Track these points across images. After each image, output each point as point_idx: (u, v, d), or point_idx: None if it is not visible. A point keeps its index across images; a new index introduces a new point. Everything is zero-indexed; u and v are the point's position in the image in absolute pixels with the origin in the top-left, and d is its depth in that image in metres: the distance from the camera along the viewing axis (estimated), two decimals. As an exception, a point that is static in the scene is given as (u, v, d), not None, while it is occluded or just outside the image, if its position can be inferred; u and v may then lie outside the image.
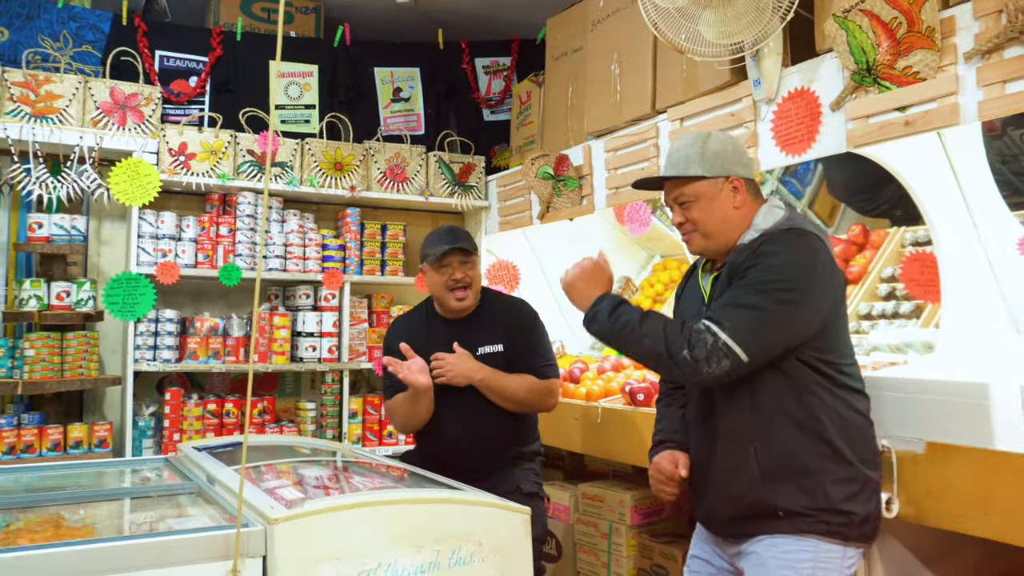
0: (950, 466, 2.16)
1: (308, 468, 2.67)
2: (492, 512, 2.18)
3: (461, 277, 2.86)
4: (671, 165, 2.17)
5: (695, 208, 2.13)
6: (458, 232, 2.95)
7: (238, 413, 3.95)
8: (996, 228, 2.81)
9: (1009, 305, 2.83)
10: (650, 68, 3.32)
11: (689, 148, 2.15)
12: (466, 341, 2.90)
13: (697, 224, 2.14)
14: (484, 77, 4.91)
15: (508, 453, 2.94)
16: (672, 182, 2.16)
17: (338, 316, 4.21)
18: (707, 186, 2.12)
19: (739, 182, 2.13)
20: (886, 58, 2.35)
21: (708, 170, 2.11)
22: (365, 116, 4.55)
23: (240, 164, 4.06)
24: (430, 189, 4.47)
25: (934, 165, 2.70)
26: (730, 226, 2.13)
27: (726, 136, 2.23)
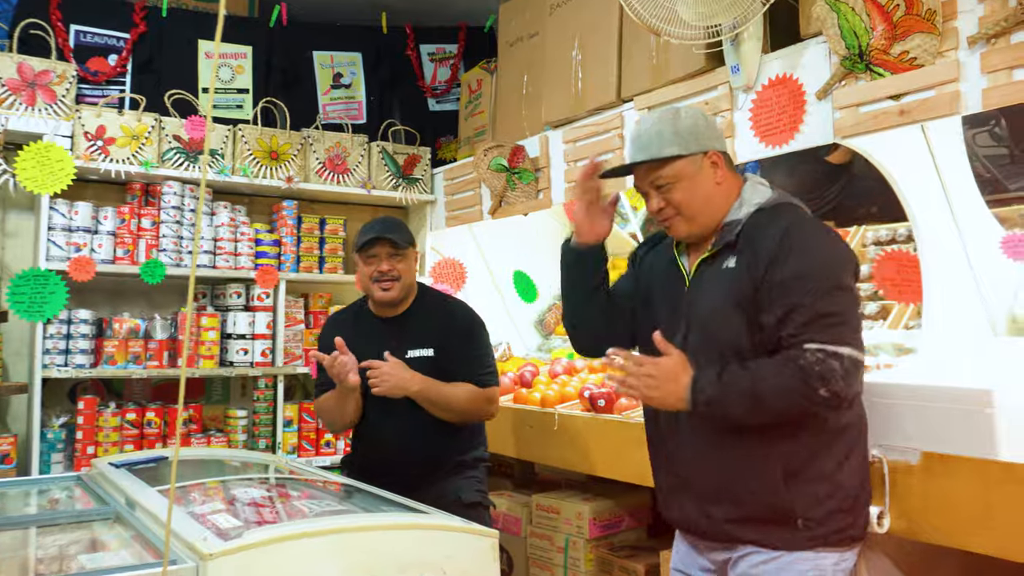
0: (949, 478, 2.03)
1: (243, 487, 2.38)
2: (456, 537, 1.95)
3: (388, 270, 2.71)
4: (642, 148, 1.97)
5: (676, 190, 1.95)
6: (391, 223, 2.79)
7: (161, 423, 3.60)
8: (976, 226, 2.70)
9: (988, 307, 2.73)
10: (615, 54, 3.12)
11: (660, 126, 1.97)
12: (396, 342, 2.72)
13: (680, 207, 1.96)
14: (430, 65, 4.65)
15: (447, 461, 2.77)
16: (646, 166, 1.97)
17: (272, 317, 3.90)
18: (685, 165, 1.95)
19: (718, 156, 1.98)
20: (880, 43, 2.19)
21: (684, 147, 1.94)
22: (302, 102, 4.24)
23: (165, 151, 3.71)
24: (373, 182, 4.19)
25: (918, 159, 2.58)
26: (714, 204, 1.97)
27: (695, 110, 2.06)
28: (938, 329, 2.59)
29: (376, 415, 2.72)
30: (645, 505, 3.46)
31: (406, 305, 2.81)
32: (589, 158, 3.27)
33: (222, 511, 1.99)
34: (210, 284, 4.01)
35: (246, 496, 2.25)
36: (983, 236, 2.71)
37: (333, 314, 3.11)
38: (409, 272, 2.76)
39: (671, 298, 2.05)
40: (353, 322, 2.88)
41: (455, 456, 2.76)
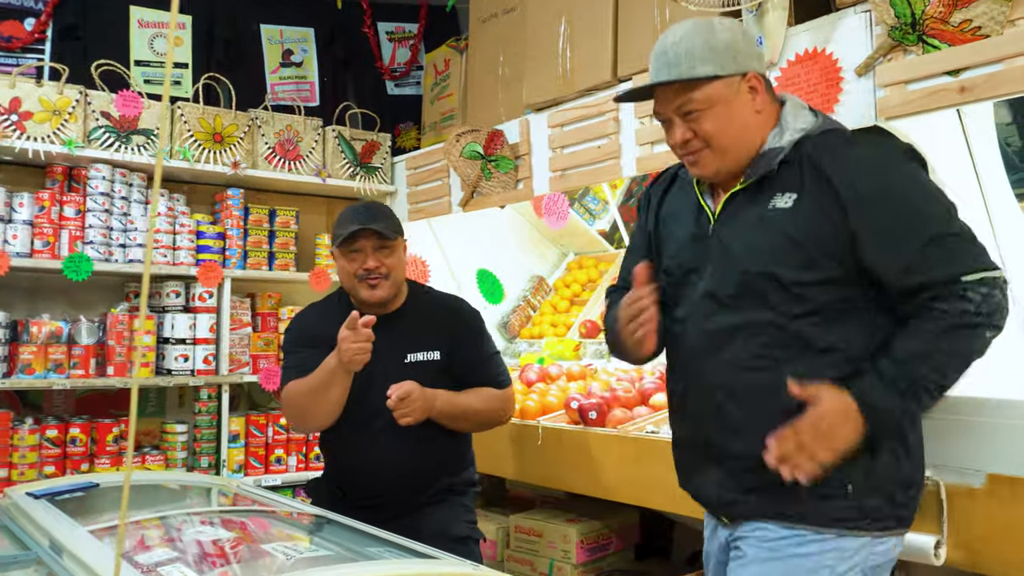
0: (1020, 503, 1.81)
1: (196, 524, 1.98)
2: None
3: (375, 266, 2.33)
4: (669, 64, 1.65)
5: (707, 118, 1.65)
6: (375, 209, 2.41)
7: (87, 441, 3.15)
8: (1009, 222, 2.50)
9: (1019, 307, 2.53)
10: (610, 28, 2.82)
11: (692, 40, 1.64)
12: (392, 344, 2.34)
13: (711, 138, 1.66)
14: (388, 45, 4.30)
15: (434, 485, 2.42)
16: (673, 87, 1.66)
17: (216, 319, 3.47)
18: (722, 88, 1.64)
19: (757, 80, 1.68)
20: (938, 10, 1.94)
21: (721, 67, 1.63)
22: (249, 80, 3.84)
23: (92, 129, 3.26)
24: (328, 170, 3.80)
25: (955, 146, 2.36)
26: (750, 136, 1.68)
27: (733, 22, 1.74)
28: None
29: (355, 429, 2.34)
30: (633, 525, 3.19)
31: (399, 302, 2.45)
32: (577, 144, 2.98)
33: (176, 559, 1.61)
34: (140, 281, 3.56)
35: (202, 536, 1.86)
36: (1013, 231, 2.51)
37: (308, 306, 2.67)
38: (399, 266, 2.40)
39: (693, 243, 1.77)
40: (340, 318, 2.37)
41: (444, 479, 2.42)
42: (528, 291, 4.59)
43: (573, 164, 2.99)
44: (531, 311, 4.57)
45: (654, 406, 2.90)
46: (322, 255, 3.84)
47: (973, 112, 2.33)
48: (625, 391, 3.01)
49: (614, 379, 3.25)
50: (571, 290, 4.48)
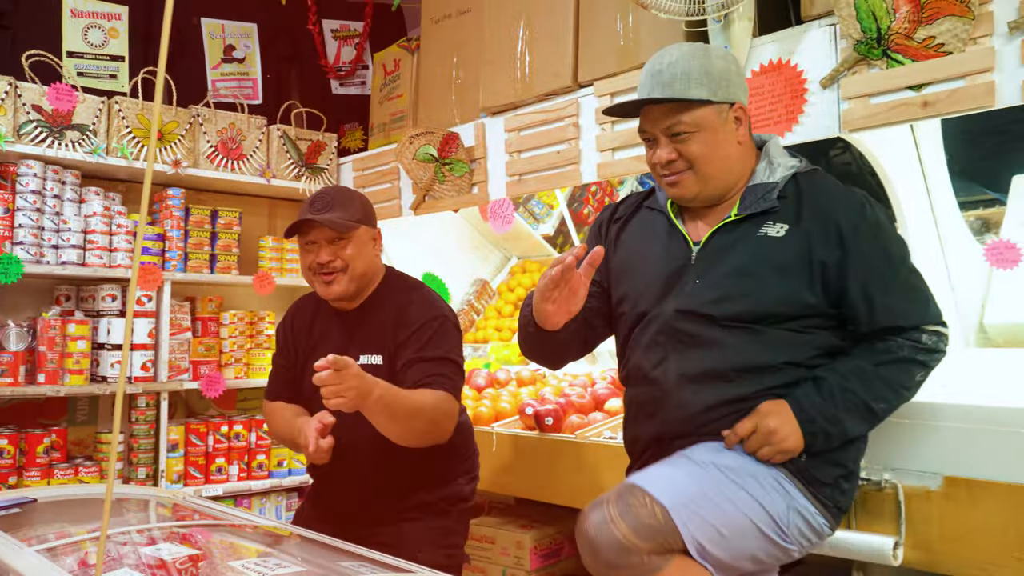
0: (974, 505, 1.88)
1: (150, 543, 1.87)
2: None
3: (329, 260, 2.13)
4: (663, 84, 1.67)
5: (694, 141, 1.68)
6: (330, 196, 2.18)
7: (16, 452, 2.97)
8: (953, 233, 2.59)
9: (962, 315, 2.62)
10: (571, 33, 2.82)
11: (687, 63, 1.67)
12: (350, 344, 2.19)
13: (695, 161, 1.69)
14: (333, 43, 4.19)
15: (409, 500, 2.21)
16: (662, 107, 1.69)
17: (155, 323, 3.32)
18: (711, 113, 1.68)
19: (743, 111, 1.73)
20: (903, 26, 1.99)
21: (713, 93, 1.67)
22: (189, 76, 3.69)
23: (23, 123, 3.08)
24: (272, 170, 3.69)
25: (909, 159, 2.43)
26: (731, 167, 1.73)
27: (726, 51, 1.79)
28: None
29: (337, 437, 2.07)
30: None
31: (365, 295, 2.24)
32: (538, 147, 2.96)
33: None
34: (76, 284, 3.39)
35: (161, 555, 1.75)
36: (957, 242, 2.60)
37: (299, 299, 2.44)
38: (360, 257, 2.16)
39: (666, 268, 1.77)
40: (315, 313, 2.30)
41: (419, 494, 2.21)
42: (472, 295, 4.55)
43: (531, 169, 2.98)
44: (475, 315, 4.53)
45: (609, 411, 2.90)
46: (266, 258, 3.72)
47: (924, 128, 2.41)
48: (579, 396, 3.01)
49: (566, 385, 3.24)
50: (515, 294, 4.46)
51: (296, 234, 2.18)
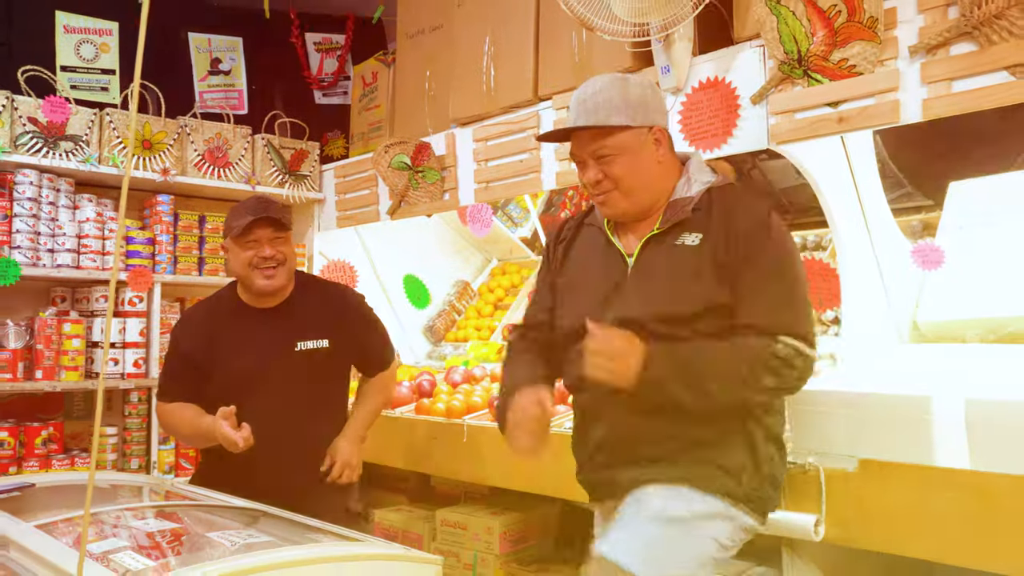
0: (885, 484, 2.06)
1: (138, 518, 2.08)
2: (402, 568, 1.77)
3: (272, 254, 2.45)
4: (587, 112, 1.85)
5: (617, 163, 1.84)
6: (268, 202, 2.53)
7: (16, 444, 3.17)
8: (885, 235, 2.78)
9: (895, 314, 2.82)
10: (531, 50, 3.02)
11: (608, 92, 1.84)
12: (283, 334, 2.50)
13: (619, 181, 1.85)
14: (316, 55, 4.39)
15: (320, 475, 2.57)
16: (588, 132, 1.85)
17: (146, 323, 3.52)
18: (631, 137, 1.84)
19: (662, 133, 1.89)
20: (820, 49, 2.20)
21: (632, 119, 1.83)
22: (177, 88, 3.87)
23: (19, 135, 3.27)
24: (257, 177, 3.89)
25: (838, 168, 2.62)
26: (654, 182, 1.88)
27: (645, 79, 1.98)
28: (854, 337, 2.64)
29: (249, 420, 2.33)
30: (553, 517, 3.37)
31: (287, 292, 2.56)
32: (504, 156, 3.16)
33: (125, 548, 1.71)
34: (71, 286, 3.58)
35: (144, 528, 1.96)
36: (890, 245, 2.80)
37: (197, 305, 2.76)
38: (292, 256, 2.53)
39: (606, 281, 1.92)
40: (228, 314, 2.57)
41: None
42: (453, 296, 4.74)
43: (497, 176, 3.18)
44: (456, 315, 4.72)
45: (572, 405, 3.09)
46: (251, 260, 3.91)
47: (854, 138, 2.60)
48: (545, 390, 3.19)
49: (535, 379, 3.43)
50: (495, 295, 4.66)
51: (246, 233, 2.43)
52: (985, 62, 1.95)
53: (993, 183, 2.94)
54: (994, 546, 1.86)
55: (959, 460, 1.99)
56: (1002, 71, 1.93)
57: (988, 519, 1.87)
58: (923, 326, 2.81)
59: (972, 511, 1.89)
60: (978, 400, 1.99)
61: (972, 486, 1.91)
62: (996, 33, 1.92)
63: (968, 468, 1.96)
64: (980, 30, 1.94)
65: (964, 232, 2.88)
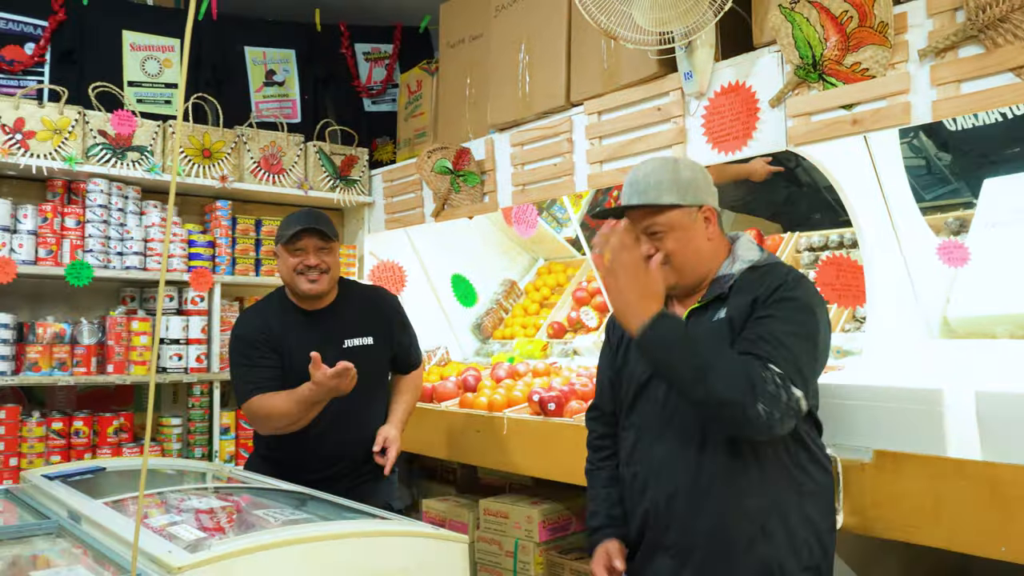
0: (899, 475, 2.11)
1: (195, 497, 2.28)
2: (427, 544, 1.92)
3: (316, 263, 2.66)
4: (640, 192, 1.97)
5: (668, 239, 1.95)
6: (316, 214, 2.73)
7: (90, 433, 3.43)
8: (912, 233, 2.83)
9: (924, 310, 2.86)
10: (564, 57, 3.14)
11: (660, 174, 1.97)
12: (331, 334, 2.70)
13: (671, 257, 1.96)
14: (365, 64, 4.58)
15: (365, 466, 2.75)
16: (642, 211, 1.97)
17: (207, 321, 3.76)
18: (681, 216, 1.95)
19: (711, 212, 2.00)
20: (834, 53, 2.27)
21: (682, 198, 1.95)
22: (234, 99, 4.11)
23: (90, 146, 3.53)
24: (309, 182, 4.10)
25: (862, 168, 2.68)
26: (703, 259, 1.99)
27: (694, 162, 2.10)
28: (880, 332, 2.70)
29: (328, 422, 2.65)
30: (593, 506, 3.48)
31: (332, 296, 2.78)
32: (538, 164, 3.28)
33: (180, 523, 1.90)
34: (140, 287, 3.84)
35: (201, 506, 2.16)
36: (918, 242, 2.84)
37: (254, 305, 2.93)
38: (336, 265, 2.73)
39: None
40: (281, 315, 2.75)
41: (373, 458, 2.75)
42: (500, 294, 4.89)
43: (532, 179, 3.31)
44: (503, 313, 4.87)
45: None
46: (304, 261, 4.12)
47: (878, 138, 2.66)
48: (583, 386, 3.31)
49: (574, 376, 3.55)
50: (540, 293, 4.78)
51: (294, 242, 2.64)
52: (991, 64, 2.00)
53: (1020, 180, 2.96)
54: (1004, 534, 1.91)
55: (970, 451, 2.05)
56: (1008, 73, 1.98)
57: (998, 508, 1.92)
58: (953, 322, 2.85)
59: (982, 501, 1.95)
60: (988, 393, 2.05)
61: (982, 476, 1.95)
62: (1001, 36, 1.97)
63: (979, 459, 2.02)
64: (986, 33, 1.99)
65: (995, 229, 2.91)
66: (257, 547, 1.65)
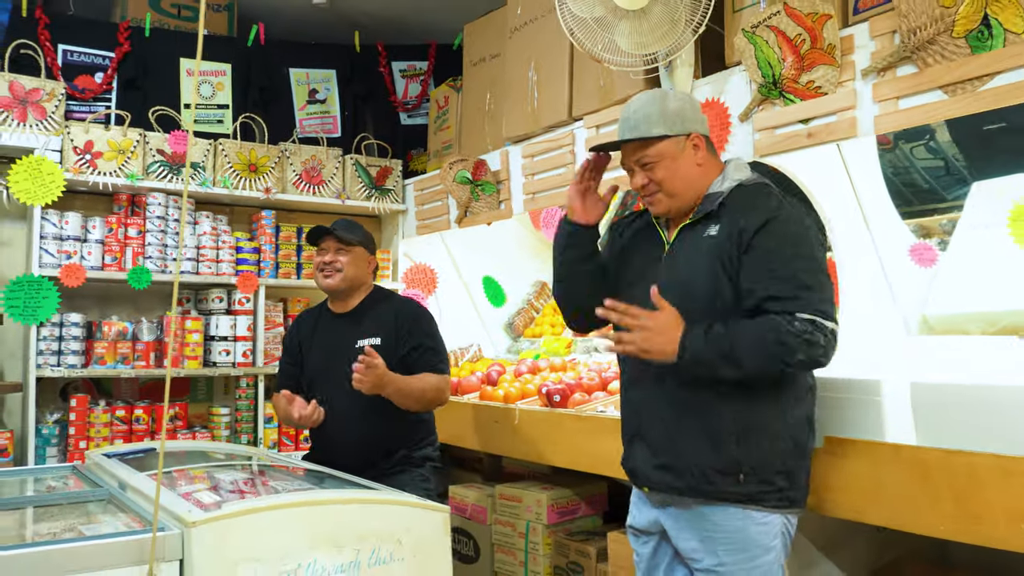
0: (846, 459, 2.28)
1: (223, 472, 2.63)
2: (411, 511, 2.20)
3: (330, 261, 2.96)
4: (631, 127, 2.11)
5: (659, 168, 2.09)
6: (343, 222, 3.05)
7: (149, 420, 3.84)
8: (889, 236, 2.99)
9: (901, 308, 3.02)
10: (567, 76, 3.40)
11: (648, 107, 2.11)
12: (347, 335, 2.97)
13: (662, 184, 2.10)
14: (401, 81, 4.91)
15: (394, 456, 2.93)
16: (633, 144, 2.11)
17: (252, 320, 4.14)
18: (670, 145, 2.09)
19: (699, 139, 2.12)
20: (791, 72, 2.48)
21: (670, 129, 2.08)
22: (280, 117, 4.50)
23: (150, 164, 3.95)
24: (347, 192, 4.45)
25: (834, 175, 2.87)
26: (694, 184, 2.12)
27: (682, 93, 2.25)
28: (854, 328, 2.87)
29: (330, 408, 2.87)
30: (601, 494, 3.72)
31: (357, 301, 3.03)
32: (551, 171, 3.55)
33: (204, 490, 2.24)
34: (194, 289, 4.25)
35: (227, 479, 2.50)
36: (896, 245, 3.00)
37: (301, 312, 3.38)
38: (353, 267, 2.96)
39: (649, 263, 2.18)
40: (316, 319, 3.13)
41: (402, 450, 2.93)
42: (531, 295, 5.14)
43: (541, 188, 3.57)
44: (534, 313, 5.12)
45: (612, 391, 3.43)
46: (343, 265, 4.48)
47: (852, 146, 2.83)
48: (590, 379, 3.54)
49: (586, 370, 3.79)
50: (570, 293, 5.01)
51: (315, 243, 3.03)
52: (923, 82, 2.19)
53: (1008, 183, 3.08)
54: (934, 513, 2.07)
55: (906, 437, 2.23)
56: (937, 90, 2.16)
57: (929, 489, 2.09)
58: (931, 319, 3.00)
59: (915, 482, 2.12)
60: (922, 383, 2.22)
61: (916, 460, 2.12)
62: (931, 56, 2.16)
63: (914, 444, 2.20)
64: (918, 54, 2.18)
65: (976, 231, 3.04)
66: (257, 508, 1.96)
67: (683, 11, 2.64)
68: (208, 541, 1.85)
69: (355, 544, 2.05)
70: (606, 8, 2.70)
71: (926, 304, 3.02)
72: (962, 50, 2.08)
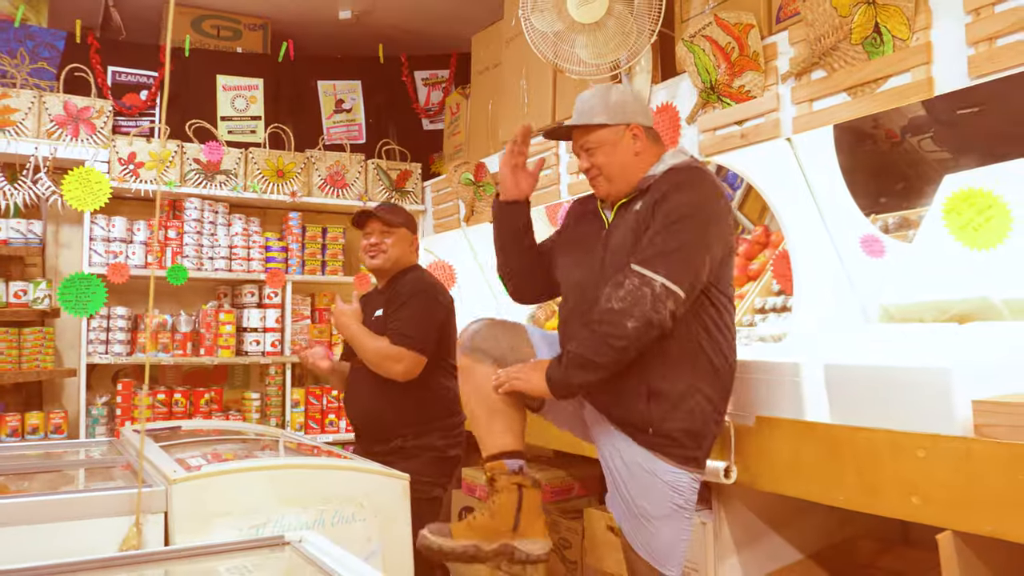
0: (772, 437, 2.45)
1: (227, 445, 2.99)
2: (372, 478, 2.49)
3: (376, 243, 3.10)
4: (579, 114, 2.30)
5: (599, 154, 2.26)
6: (389, 205, 3.20)
7: (187, 403, 4.27)
8: (846, 227, 3.13)
9: (859, 297, 3.16)
10: (551, 84, 3.65)
11: (594, 99, 2.29)
12: (371, 309, 3.16)
13: (601, 168, 2.27)
14: (423, 89, 5.23)
15: (392, 441, 3.03)
16: (579, 130, 2.30)
17: (281, 313, 4.53)
18: (609, 133, 2.26)
19: (638, 129, 2.27)
20: (724, 78, 2.68)
21: (610, 118, 2.25)
22: (308, 126, 4.87)
23: (187, 172, 4.38)
24: (368, 194, 4.79)
25: (786, 170, 3.02)
26: (631, 170, 2.26)
27: (627, 88, 2.46)
28: (809, 316, 3.03)
29: (353, 370, 3.15)
30: (596, 476, 3.94)
31: (389, 278, 3.17)
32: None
33: (198, 456, 2.60)
34: (229, 285, 4.67)
35: (226, 449, 2.86)
36: (853, 236, 3.14)
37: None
38: (396, 248, 3.11)
39: (591, 237, 2.34)
40: (368, 296, 3.32)
41: (396, 440, 3.01)
42: (549, 288, 5.37)
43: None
44: (555, 305, 5.37)
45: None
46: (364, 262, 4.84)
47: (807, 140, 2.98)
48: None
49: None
50: (586, 286, 5.24)
51: (361, 225, 3.18)
52: (831, 85, 2.36)
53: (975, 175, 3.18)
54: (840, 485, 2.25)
55: (822, 415, 2.41)
56: (842, 92, 2.34)
57: (836, 463, 2.26)
58: (890, 308, 3.13)
59: (825, 457, 2.30)
60: (834, 365, 2.40)
61: (828, 436, 2.29)
62: (836, 61, 2.34)
63: (828, 422, 2.37)
64: (825, 60, 2.36)
65: (936, 222, 3.15)
66: (232, 470, 2.29)
67: (634, 24, 2.86)
68: (187, 496, 2.18)
69: (319, 504, 2.35)
70: (564, 23, 2.94)
71: (885, 294, 3.16)
72: (860, 56, 2.26)
